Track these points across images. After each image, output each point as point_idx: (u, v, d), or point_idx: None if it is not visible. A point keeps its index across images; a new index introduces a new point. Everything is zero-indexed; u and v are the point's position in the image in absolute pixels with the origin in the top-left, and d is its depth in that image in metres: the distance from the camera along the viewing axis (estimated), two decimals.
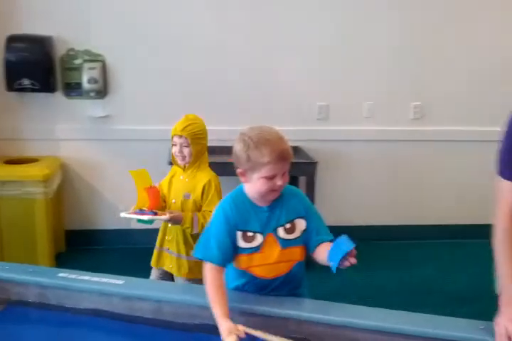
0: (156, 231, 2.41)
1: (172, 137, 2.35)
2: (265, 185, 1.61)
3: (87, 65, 3.61)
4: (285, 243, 1.68)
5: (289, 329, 1.58)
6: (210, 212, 2.21)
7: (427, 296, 3.19)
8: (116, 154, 3.77)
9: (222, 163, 3.35)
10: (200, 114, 3.72)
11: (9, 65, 3.44)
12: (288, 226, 1.69)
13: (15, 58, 3.44)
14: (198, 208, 2.30)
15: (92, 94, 3.63)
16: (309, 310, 1.62)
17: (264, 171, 1.59)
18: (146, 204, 2.22)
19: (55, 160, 3.63)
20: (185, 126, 2.30)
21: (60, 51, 3.62)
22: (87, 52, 3.64)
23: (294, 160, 3.74)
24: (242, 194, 1.70)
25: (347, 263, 1.50)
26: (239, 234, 1.67)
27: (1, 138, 3.66)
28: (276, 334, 1.47)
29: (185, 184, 2.34)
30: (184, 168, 2.35)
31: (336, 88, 3.85)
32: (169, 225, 2.33)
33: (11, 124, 3.65)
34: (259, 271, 1.69)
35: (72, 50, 3.64)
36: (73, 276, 1.80)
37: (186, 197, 2.31)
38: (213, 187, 2.30)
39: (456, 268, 3.62)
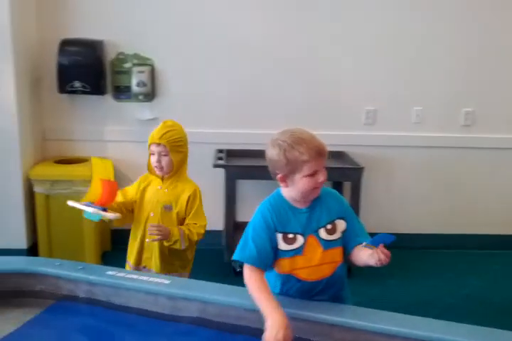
0: None
1: (149, 145, 2.19)
2: (308, 183, 1.62)
3: (136, 69, 3.68)
4: (327, 244, 1.68)
5: (335, 337, 1.56)
6: (195, 224, 2.18)
7: (473, 307, 3.10)
8: None
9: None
10: (245, 118, 3.83)
11: (62, 68, 3.54)
12: (329, 227, 1.69)
13: (67, 61, 3.54)
14: (181, 221, 2.20)
15: (140, 97, 3.70)
16: (356, 317, 1.59)
17: (306, 169, 1.60)
18: (97, 197, 2.03)
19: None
20: (164, 134, 2.15)
21: (110, 55, 3.71)
22: (136, 56, 3.72)
23: (340, 166, 3.72)
24: (279, 197, 1.71)
25: (381, 256, 1.51)
26: (279, 236, 1.67)
27: (53, 138, 3.78)
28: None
29: (164, 195, 2.20)
30: (163, 178, 2.22)
31: (385, 92, 3.80)
32: (147, 241, 2.20)
33: (63, 125, 3.76)
34: (303, 274, 1.68)
35: (121, 53, 3.73)
36: (121, 275, 1.83)
37: (167, 209, 2.19)
38: (198, 198, 2.20)
39: (504, 279, 3.50)
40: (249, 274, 1.64)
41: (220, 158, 3.46)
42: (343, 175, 3.38)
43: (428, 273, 3.57)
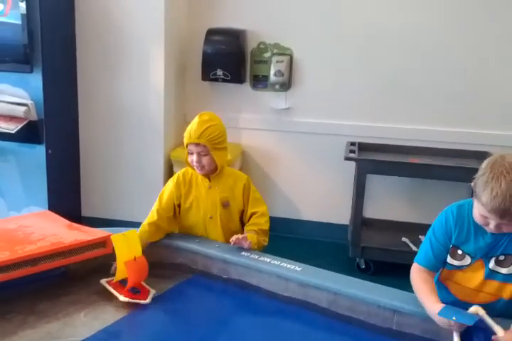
0: None
1: (186, 145, 1.99)
2: (479, 217, 1.51)
3: (275, 58, 3.73)
4: (491, 274, 1.57)
5: None
6: (263, 214, 2.07)
7: None
8: (294, 146, 3.86)
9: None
10: (381, 111, 3.73)
11: (206, 57, 3.70)
12: (501, 258, 1.56)
13: (211, 50, 3.69)
14: (240, 213, 2.09)
15: (276, 86, 3.75)
16: None
17: (481, 209, 1.47)
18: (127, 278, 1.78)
19: (237, 147, 3.83)
20: (202, 132, 1.95)
21: (251, 44, 3.80)
22: (276, 45, 3.77)
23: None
24: (469, 209, 1.58)
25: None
26: (450, 248, 1.61)
27: None
28: None
29: (218, 193, 2.04)
30: (209, 177, 2.06)
31: None
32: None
33: (202, 111, 3.93)
34: (454, 288, 1.62)
35: (263, 43, 3.80)
36: (255, 256, 1.88)
37: (225, 206, 2.05)
38: (251, 185, 2.10)
39: None
40: (419, 272, 1.61)
41: (352, 151, 3.40)
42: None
43: None
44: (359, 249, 3.30)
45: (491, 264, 1.56)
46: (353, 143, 3.56)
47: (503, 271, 1.56)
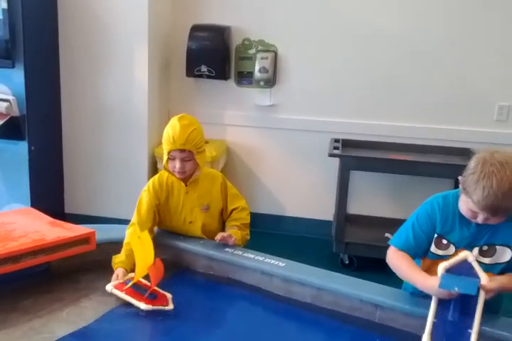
0: None
1: (168, 151, 1.91)
2: (467, 211, 1.55)
3: (259, 55, 3.73)
4: None
5: None
6: (243, 209, 2.08)
7: None
8: (278, 142, 3.87)
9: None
10: (365, 108, 3.75)
11: (190, 53, 3.69)
12: (485, 248, 1.59)
13: (196, 46, 3.68)
14: (220, 211, 2.08)
15: (261, 83, 3.76)
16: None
17: (471, 205, 1.50)
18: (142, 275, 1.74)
19: (222, 143, 3.83)
20: (187, 138, 1.88)
21: (236, 41, 3.80)
22: (261, 42, 3.77)
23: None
24: (454, 200, 1.61)
25: None
26: (434, 237, 1.63)
27: None
28: None
29: (196, 198, 2.00)
30: (186, 183, 2.00)
31: None
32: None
33: (186, 108, 3.91)
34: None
35: (247, 39, 3.80)
36: (239, 252, 1.89)
37: (205, 209, 2.02)
38: (227, 182, 2.08)
39: None
40: (397, 253, 1.63)
41: (335, 148, 3.42)
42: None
43: None
44: (343, 244, 3.33)
45: (474, 254, 1.57)
46: (336, 140, 3.58)
47: (486, 260, 1.58)
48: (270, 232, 3.74)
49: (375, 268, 3.01)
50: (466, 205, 1.53)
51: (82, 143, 3.73)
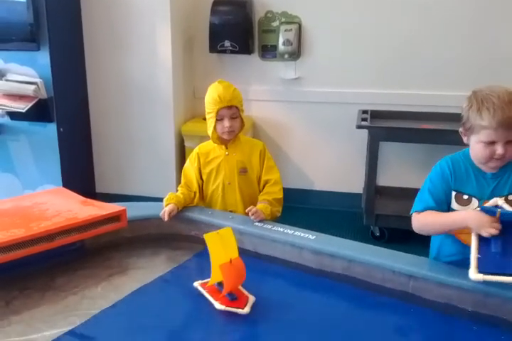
0: None
1: (217, 111, 2.02)
2: (483, 150, 1.51)
3: (283, 27, 3.67)
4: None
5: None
6: (276, 183, 2.10)
7: None
8: (305, 116, 3.83)
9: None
10: (392, 78, 3.65)
11: (213, 28, 3.65)
12: (511, 197, 1.55)
13: (218, 21, 3.64)
14: (258, 179, 2.13)
15: (285, 56, 3.70)
16: None
17: (482, 136, 1.49)
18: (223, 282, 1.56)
19: (248, 119, 3.79)
20: (232, 95, 2.02)
21: (258, 13, 3.73)
22: (284, 14, 3.70)
23: None
24: (465, 156, 1.63)
25: None
26: (453, 194, 1.60)
27: (202, 96, 3.89)
28: None
29: (236, 159, 2.11)
30: (228, 142, 2.11)
31: None
32: None
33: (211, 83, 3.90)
34: (469, 239, 1.57)
35: (270, 12, 3.73)
36: (268, 226, 1.88)
37: (243, 172, 2.11)
38: (267, 152, 2.14)
39: None
40: (420, 215, 1.61)
41: (364, 119, 3.36)
42: None
43: None
44: (373, 216, 3.30)
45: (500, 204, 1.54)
46: (364, 111, 3.52)
47: None
48: (299, 206, 3.73)
49: (406, 239, 2.99)
50: (479, 144, 1.52)
51: (109, 122, 3.76)
